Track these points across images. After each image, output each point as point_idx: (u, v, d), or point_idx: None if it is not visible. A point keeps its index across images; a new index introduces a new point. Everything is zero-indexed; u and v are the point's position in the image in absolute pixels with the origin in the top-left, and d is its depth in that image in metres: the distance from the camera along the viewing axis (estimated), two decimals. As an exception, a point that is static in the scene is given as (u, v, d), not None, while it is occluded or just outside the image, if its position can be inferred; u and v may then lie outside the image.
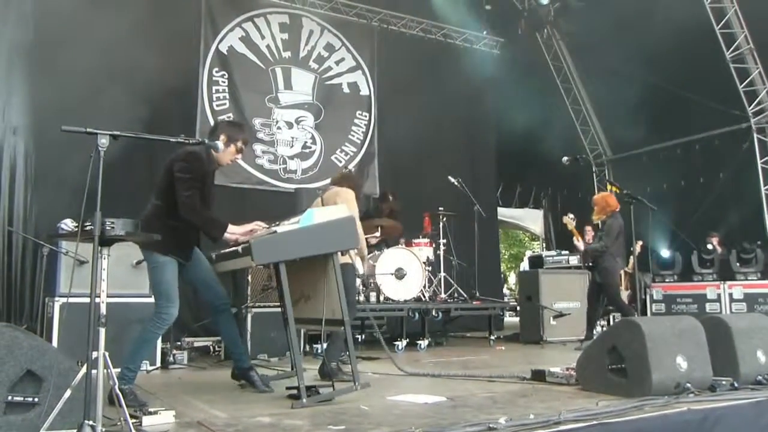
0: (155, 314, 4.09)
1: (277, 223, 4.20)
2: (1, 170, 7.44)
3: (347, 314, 3.94)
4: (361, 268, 5.55)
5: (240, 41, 9.47)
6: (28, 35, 7.69)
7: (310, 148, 9.79)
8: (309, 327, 4.68)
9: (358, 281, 7.26)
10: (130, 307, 5.51)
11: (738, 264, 8.56)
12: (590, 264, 7.56)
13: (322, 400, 3.76)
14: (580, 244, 7.64)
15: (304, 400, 3.63)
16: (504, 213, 13.35)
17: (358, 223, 4.70)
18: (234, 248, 4.16)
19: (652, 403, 3.43)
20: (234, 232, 4.15)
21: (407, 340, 7.44)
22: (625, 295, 9.65)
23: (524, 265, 15.95)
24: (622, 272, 9.76)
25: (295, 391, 3.92)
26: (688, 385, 3.73)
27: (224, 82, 9.25)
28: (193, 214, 4.04)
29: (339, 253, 4.11)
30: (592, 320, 7.62)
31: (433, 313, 7.74)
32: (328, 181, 9.24)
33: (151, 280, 4.18)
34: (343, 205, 4.49)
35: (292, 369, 4.66)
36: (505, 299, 15.62)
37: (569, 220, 7.78)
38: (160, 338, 5.51)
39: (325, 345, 5.08)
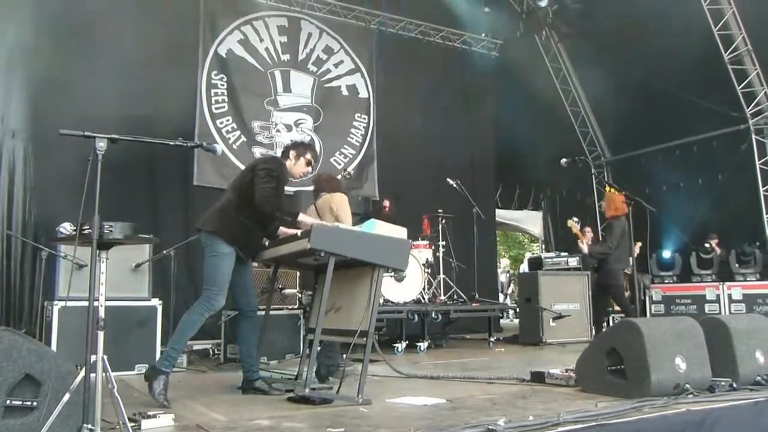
0: (204, 298, 4.18)
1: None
2: (0, 174, 7.43)
3: (373, 327, 3.96)
4: None
5: (239, 44, 9.47)
6: (27, 39, 7.68)
7: (310, 150, 9.78)
8: (328, 337, 4.66)
9: None
10: (129, 310, 5.52)
11: (737, 265, 8.58)
12: (594, 266, 7.58)
13: (324, 399, 3.78)
14: (584, 247, 7.66)
15: (307, 390, 3.70)
16: (503, 215, 13.35)
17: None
18: (294, 232, 4.26)
19: (651, 404, 3.44)
20: (304, 221, 4.31)
21: (407, 342, 7.43)
22: (625, 296, 9.65)
23: (524, 267, 15.94)
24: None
25: (294, 395, 3.94)
26: (687, 386, 3.73)
27: (223, 85, 9.26)
28: (268, 203, 4.20)
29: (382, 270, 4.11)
30: (597, 321, 7.64)
31: (433, 315, 7.74)
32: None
33: (208, 266, 4.25)
34: (404, 229, 4.55)
35: (297, 378, 4.68)
36: (506, 301, 15.63)
37: (573, 223, 7.80)
38: (159, 341, 5.56)
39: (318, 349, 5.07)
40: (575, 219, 7.86)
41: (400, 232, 4.32)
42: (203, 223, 4.34)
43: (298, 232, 4.16)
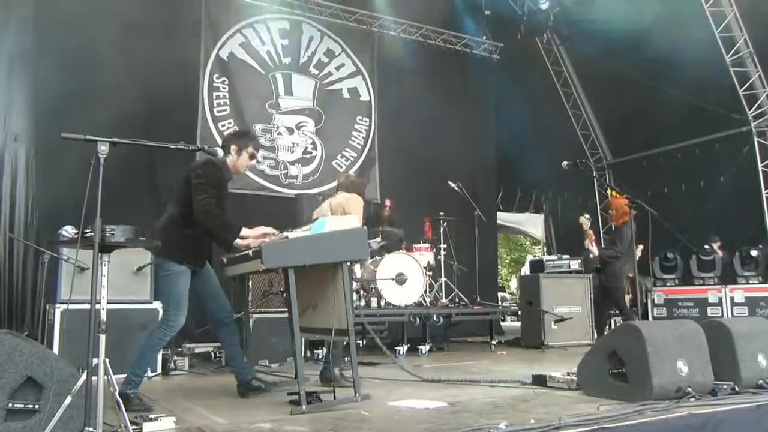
0: (163, 321, 4.15)
1: (290, 229, 4.24)
2: (3, 177, 7.45)
3: (352, 324, 3.94)
4: (358, 272, 5.57)
5: (240, 47, 9.49)
6: (28, 43, 7.71)
7: (311, 153, 9.80)
8: (314, 336, 4.67)
9: (356, 285, 7.27)
10: (131, 313, 5.53)
11: (742, 267, 8.56)
12: (598, 267, 7.57)
13: (322, 408, 3.75)
14: (594, 248, 7.63)
15: (304, 407, 3.63)
16: (505, 217, 13.34)
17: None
18: (245, 252, 4.19)
19: (653, 408, 3.43)
20: (247, 235, 4.19)
21: (408, 345, 7.43)
22: (626, 299, 9.64)
23: (525, 270, 15.92)
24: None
25: (296, 397, 3.92)
26: (689, 389, 3.73)
27: (225, 88, 9.27)
28: (208, 217, 4.10)
29: (348, 263, 4.11)
30: (600, 324, 7.62)
31: (434, 318, 7.73)
32: (330, 186, 9.37)
33: (163, 287, 4.23)
34: (355, 216, 4.51)
35: (296, 377, 4.66)
36: (506, 303, 15.62)
37: (584, 220, 7.75)
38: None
39: (324, 350, 5.09)
40: (587, 216, 7.80)
41: (352, 221, 4.24)
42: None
43: (250, 251, 4.07)
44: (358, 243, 4.09)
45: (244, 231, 4.20)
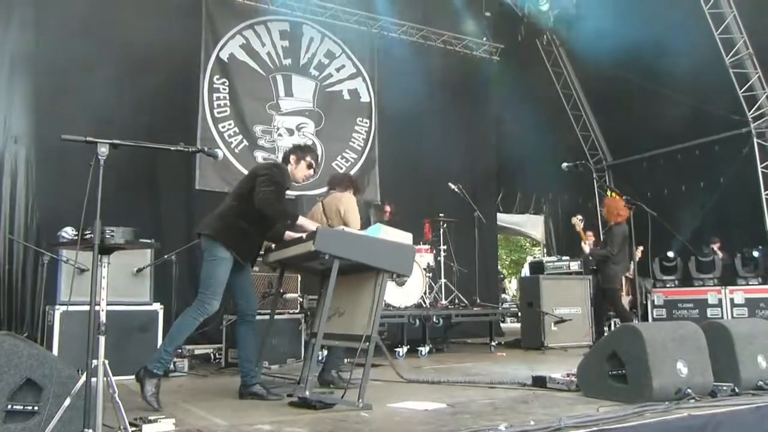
0: (198, 302, 4.20)
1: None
2: (3, 179, 7.46)
3: (376, 332, 3.94)
4: None
5: (240, 49, 9.49)
6: (29, 45, 7.72)
7: (311, 154, 9.79)
8: (333, 342, 4.63)
9: None
10: (131, 315, 5.52)
11: (743, 269, 8.56)
12: (594, 267, 7.57)
13: (323, 410, 3.75)
14: (586, 247, 7.63)
15: (307, 393, 3.70)
16: (505, 219, 13.34)
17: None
18: (299, 235, 4.26)
19: (652, 409, 3.43)
20: (303, 224, 4.31)
21: (408, 346, 7.42)
22: (626, 300, 9.63)
23: (525, 271, 15.93)
24: (623, 278, 9.76)
25: (296, 399, 3.93)
26: (689, 390, 3.73)
27: (225, 89, 9.27)
28: (269, 206, 4.22)
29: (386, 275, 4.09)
30: (600, 324, 7.61)
31: (434, 320, 7.73)
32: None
33: (205, 270, 4.27)
34: (410, 235, 4.54)
35: (299, 382, 4.67)
36: (506, 305, 15.62)
37: (578, 221, 7.75)
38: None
39: (325, 353, 5.09)
40: (579, 217, 7.81)
41: (405, 237, 4.31)
42: (203, 227, 4.37)
43: (304, 235, 4.16)
44: (406, 258, 4.14)
45: (302, 220, 4.35)
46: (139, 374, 3.99)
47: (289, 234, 4.41)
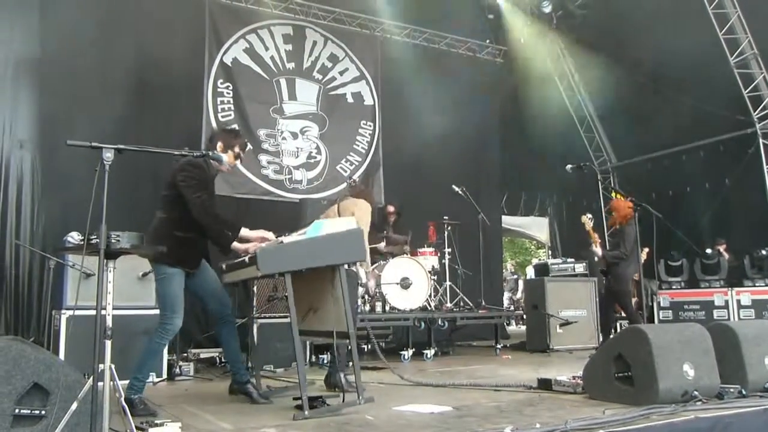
0: (160, 325, 4.17)
1: (286, 233, 4.23)
2: (9, 184, 7.48)
3: (353, 327, 3.93)
4: (364, 277, 5.56)
5: (244, 53, 9.51)
6: (34, 50, 7.75)
7: (315, 158, 9.82)
8: (316, 339, 4.65)
9: (362, 290, 7.26)
10: (137, 319, 5.53)
11: (752, 270, 8.53)
12: (603, 270, 7.51)
13: (326, 413, 3.75)
14: (598, 249, 7.57)
15: (306, 413, 3.63)
16: (509, 221, 13.33)
17: (365, 235, 4.72)
18: (242, 258, 4.17)
19: (659, 412, 3.42)
20: (247, 236, 4.18)
21: (413, 349, 7.42)
22: (632, 302, 9.60)
23: (529, 273, 15.89)
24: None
25: (300, 402, 3.92)
26: (696, 393, 3.71)
27: (229, 93, 9.30)
28: (206, 216, 4.10)
29: (346, 265, 4.10)
30: (606, 327, 7.57)
31: (439, 323, 7.73)
32: (334, 190, 9.39)
33: (157, 291, 4.24)
34: (352, 218, 4.49)
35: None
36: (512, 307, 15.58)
37: (587, 219, 7.69)
38: (166, 350, 5.57)
39: (329, 355, 5.09)
40: (589, 215, 7.72)
41: (349, 222, 4.23)
42: (144, 249, 4.27)
43: (246, 257, 4.05)
44: (355, 244, 4.06)
45: (244, 231, 4.20)
46: (121, 404, 3.88)
47: (236, 245, 4.18)
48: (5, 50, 7.64)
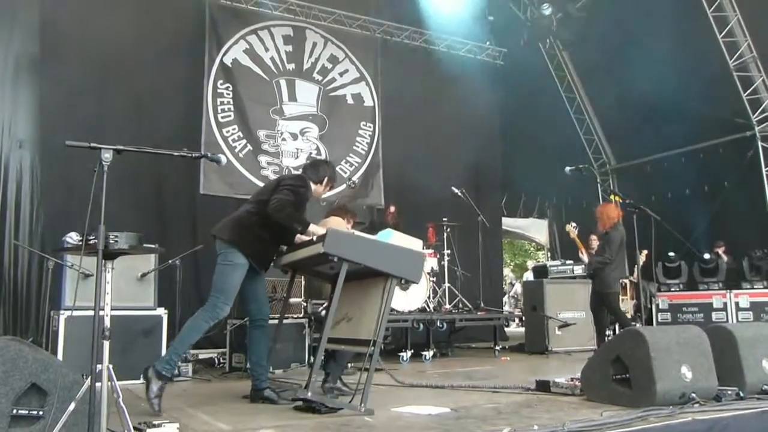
0: (210, 306, 4.20)
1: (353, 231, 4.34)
2: (8, 184, 7.49)
3: (381, 336, 3.93)
4: None
5: (244, 54, 9.52)
6: (34, 49, 7.76)
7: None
8: (340, 347, 4.62)
9: None
10: (135, 319, 5.54)
11: (751, 272, 8.53)
12: (590, 274, 7.50)
13: (326, 405, 3.77)
14: (584, 256, 7.59)
15: (309, 394, 3.71)
16: (509, 223, 13.34)
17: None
18: (310, 238, 4.23)
19: (656, 414, 3.43)
20: (314, 231, 4.23)
21: (412, 351, 7.42)
22: (630, 304, 9.60)
23: (528, 275, 15.87)
24: (627, 282, 9.72)
25: (300, 403, 3.93)
26: (693, 395, 3.71)
27: (229, 94, 9.30)
28: (280, 210, 4.20)
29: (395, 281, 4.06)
30: (601, 330, 7.55)
31: (438, 324, 7.72)
32: (334, 192, 9.39)
33: (219, 274, 4.25)
34: (420, 241, 4.53)
35: (306, 387, 4.66)
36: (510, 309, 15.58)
37: (571, 228, 7.73)
38: (164, 350, 5.57)
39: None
40: (573, 224, 7.77)
41: (415, 243, 4.28)
42: (220, 230, 4.34)
43: (314, 237, 4.14)
44: (416, 264, 4.10)
45: (313, 227, 4.28)
46: (147, 373, 3.98)
47: (300, 237, 4.35)
48: (5, 50, 7.65)
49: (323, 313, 5.70)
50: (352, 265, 3.88)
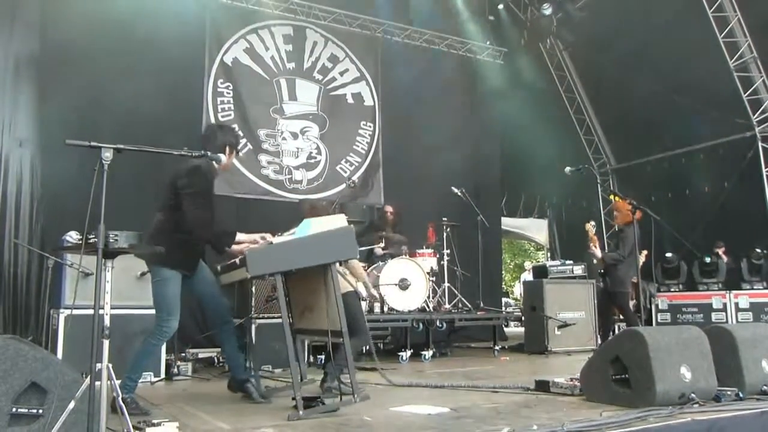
0: (156, 326, 4.19)
1: (279, 233, 4.22)
2: (8, 182, 7.49)
3: (345, 325, 3.92)
4: (364, 292, 5.55)
5: (244, 53, 9.52)
6: (34, 49, 7.76)
7: (315, 158, 9.83)
8: (312, 338, 4.64)
9: (364, 304, 7.25)
10: (134, 318, 5.52)
11: (749, 273, 8.53)
12: (601, 272, 7.49)
13: (322, 412, 3.75)
14: (597, 251, 7.56)
15: (301, 412, 3.63)
16: (509, 223, 13.34)
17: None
18: (234, 260, 4.19)
19: (656, 414, 3.42)
20: (242, 240, 4.17)
21: (411, 350, 7.42)
22: (630, 304, 9.60)
23: (525, 275, 15.87)
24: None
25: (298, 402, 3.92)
26: (693, 395, 3.71)
27: (229, 93, 9.30)
28: (205, 230, 4.13)
29: (338, 264, 4.07)
30: (605, 330, 7.56)
31: (438, 324, 7.73)
32: (334, 191, 9.40)
33: (154, 292, 4.23)
34: (342, 216, 4.48)
35: (301, 381, 4.67)
36: (510, 308, 15.60)
37: (591, 227, 7.70)
38: (164, 349, 5.58)
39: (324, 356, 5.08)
40: (592, 222, 7.74)
41: (338, 220, 4.23)
42: (142, 252, 4.23)
43: (238, 259, 4.05)
44: (346, 241, 4.03)
45: (240, 236, 4.20)
46: (119, 405, 3.91)
47: (234, 248, 4.19)
48: (5, 49, 7.65)
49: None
50: (284, 273, 3.85)
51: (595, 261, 8.05)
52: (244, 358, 4.58)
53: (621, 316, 8.06)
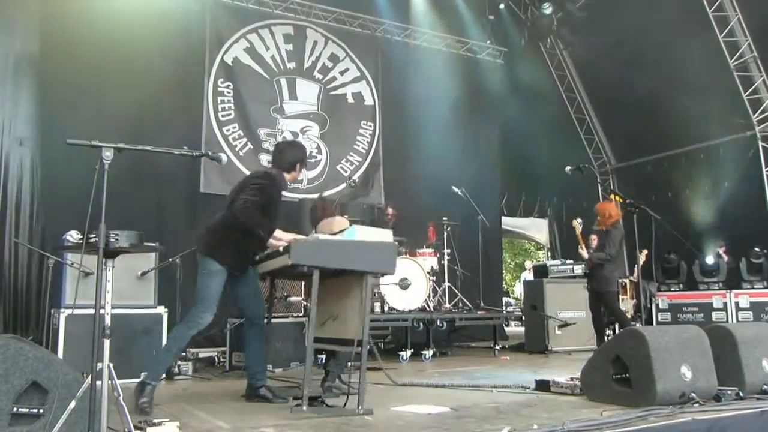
0: (191, 315, 4.23)
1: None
2: (8, 182, 7.49)
3: (367, 335, 3.92)
4: None
5: (245, 52, 9.52)
6: (34, 48, 7.75)
7: (316, 158, 9.83)
8: (328, 347, 4.61)
9: None
10: (135, 318, 5.54)
11: (749, 273, 8.53)
12: (587, 272, 7.47)
13: (324, 413, 3.74)
14: (584, 252, 7.56)
15: (304, 407, 3.63)
16: (509, 222, 13.33)
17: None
18: (277, 248, 4.19)
19: (656, 413, 3.42)
20: (281, 237, 4.18)
21: (412, 350, 7.42)
22: (630, 304, 9.61)
23: (525, 275, 15.84)
24: (627, 281, 9.72)
25: (300, 402, 3.92)
26: (693, 394, 3.71)
27: (229, 92, 9.30)
28: (244, 214, 4.17)
29: (372, 276, 4.05)
30: (600, 329, 7.55)
31: (438, 323, 7.72)
32: (334, 191, 9.39)
33: (198, 284, 4.27)
34: (389, 232, 4.49)
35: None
36: (510, 308, 15.59)
37: (577, 224, 7.69)
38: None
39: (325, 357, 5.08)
40: (579, 220, 7.74)
41: (384, 235, 4.23)
42: (197, 242, 4.38)
43: (281, 247, 4.08)
44: (388, 256, 4.03)
45: (278, 233, 4.22)
46: (137, 387, 4.04)
47: (272, 242, 4.27)
48: (5, 48, 7.64)
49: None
50: (322, 269, 3.85)
51: (582, 262, 8.06)
52: (263, 365, 4.56)
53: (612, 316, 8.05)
